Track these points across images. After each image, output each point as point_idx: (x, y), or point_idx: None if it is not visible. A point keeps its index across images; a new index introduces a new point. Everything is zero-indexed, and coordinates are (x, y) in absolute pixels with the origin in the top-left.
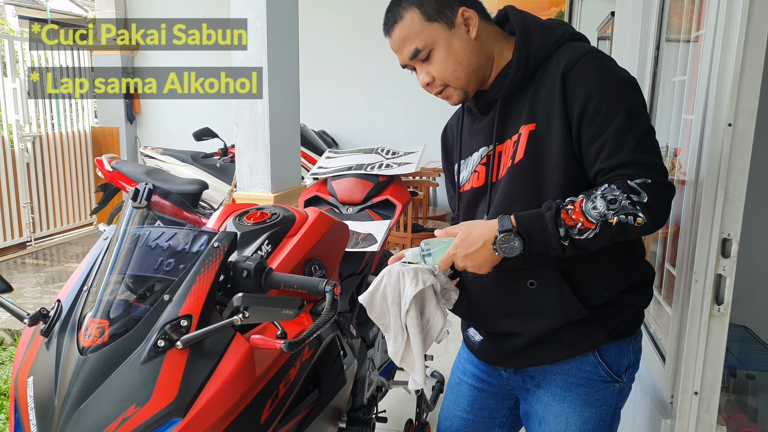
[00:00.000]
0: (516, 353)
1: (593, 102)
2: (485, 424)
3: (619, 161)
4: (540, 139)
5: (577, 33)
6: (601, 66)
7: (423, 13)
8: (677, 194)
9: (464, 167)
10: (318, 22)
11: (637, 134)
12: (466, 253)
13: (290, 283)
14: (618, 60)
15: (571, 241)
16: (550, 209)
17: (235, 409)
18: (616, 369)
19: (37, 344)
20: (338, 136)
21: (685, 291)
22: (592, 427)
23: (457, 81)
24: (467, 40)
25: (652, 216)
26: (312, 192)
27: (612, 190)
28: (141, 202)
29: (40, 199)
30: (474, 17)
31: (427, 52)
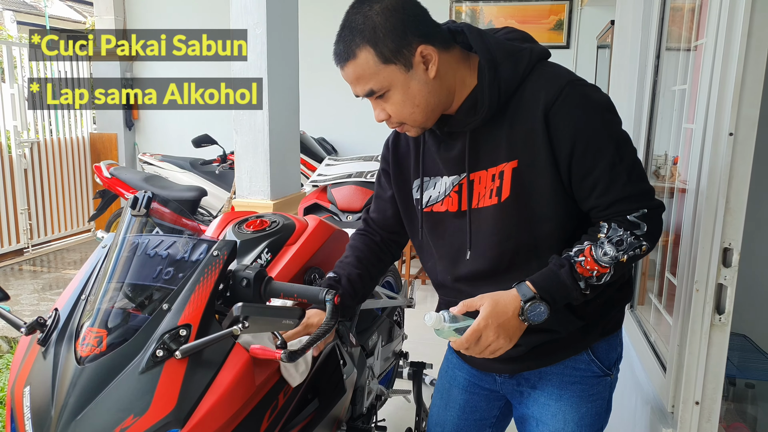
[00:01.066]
0: (513, 360)
1: (582, 141)
2: (477, 426)
3: (615, 197)
4: (524, 176)
5: (542, 50)
6: (581, 99)
7: (378, 54)
8: (677, 203)
9: (429, 186)
10: (318, 29)
11: (627, 165)
12: (499, 323)
13: (290, 292)
14: (618, 69)
15: (591, 288)
16: (563, 266)
17: (234, 419)
18: (607, 363)
19: (33, 353)
20: (337, 144)
21: (686, 300)
22: (588, 422)
23: (414, 122)
24: (425, 81)
25: (653, 240)
26: (311, 199)
27: (615, 231)
28: (140, 210)
29: (37, 206)
30: (433, 54)
31: (381, 93)
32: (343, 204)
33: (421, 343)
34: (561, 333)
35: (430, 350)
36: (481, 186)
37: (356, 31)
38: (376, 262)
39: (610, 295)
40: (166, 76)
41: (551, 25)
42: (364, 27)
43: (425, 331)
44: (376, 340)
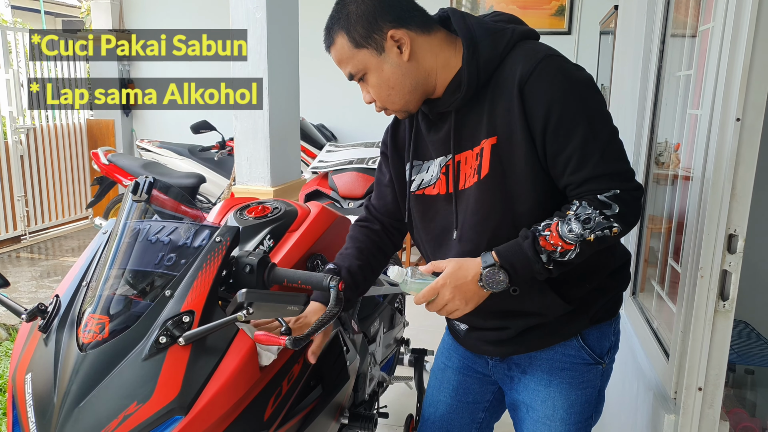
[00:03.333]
0: (502, 343)
1: (554, 115)
2: (469, 409)
3: (587, 175)
4: (503, 152)
5: (526, 30)
6: (557, 72)
7: (351, 40)
8: (680, 189)
9: (421, 170)
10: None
11: (602, 142)
12: (456, 284)
13: (294, 278)
14: (622, 54)
15: (555, 263)
16: (527, 238)
17: (238, 406)
18: (598, 351)
19: (35, 340)
20: (337, 130)
21: (690, 287)
22: (578, 409)
23: (393, 104)
24: (399, 64)
25: (626, 222)
26: (313, 186)
27: (584, 209)
28: (141, 195)
29: (34, 193)
30: (405, 38)
31: (360, 75)
32: (345, 190)
33: (422, 329)
34: (548, 317)
35: (431, 337)
36: (467, 166)
37: (335, 19)
38: (377, 252)
39: (601, 281)
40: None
41: (553, 10)
42: (340, 15)
43: (426, 318)
44: (378, 327)
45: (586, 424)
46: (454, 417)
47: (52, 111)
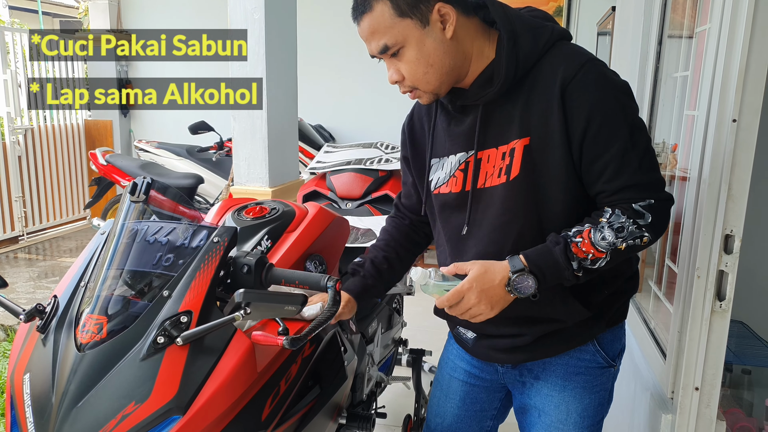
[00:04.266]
0: (516, 350)
1: (596, 121)
2: (477, 418)
3: (623, 184)
4: (535, 154)
5: (563, 30)
6: (599, 78)
7: (395, 7)
8: (678, 190)
9: (438, 167)
10: (315, 15)
11: (640, 152)
12: (482, 288)
13: (291, 278)
14: (619, 55)
15: (584, 270)
16: (558, 244)
17: (236, 406)
18: (611, 354)
19: (33, 341)
20: (335, 131)
21: (686, 287)
22: (591, 413)
23: (427, 84)
24: (442, 41)
25: (656, 232)
26: (311, 187)
27: (618, 217)
28: (139, 196)
29: (32, 193)
30: (452, 14)
31: (396, 49)
32: (343, 191)
33: (420, 330)
34: (567, 323)
35: (429, 337)
36: (489, 165)
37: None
38: (406, 242)
39: (618, 285)
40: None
41: (551, 11)
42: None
43: (424, 319)
44: (376, 327)
45: (597, 427)
46: (461, 427)
47: (50, 111)
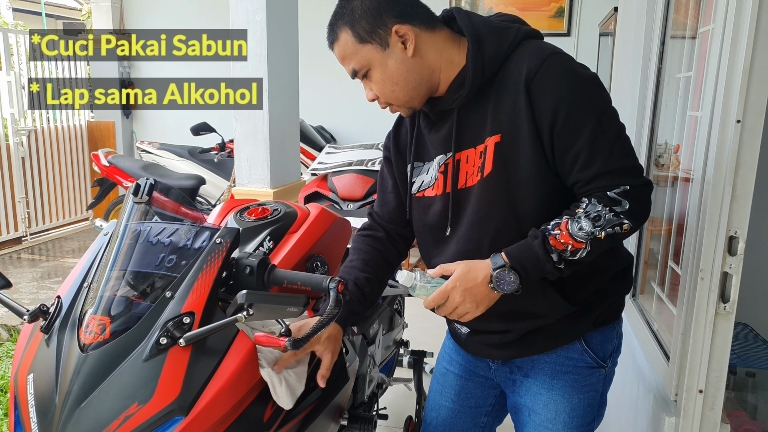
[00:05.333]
0: (505, 346)
1: (562, 112)
2: (471, 413)
3: (596, 172)
4: (507, 150)
5: (530, 30)
6: (564, 69)
7: (355, 35)
8: (680, 191)
9: (421, 171)
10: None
11: (610, 138)
12: (466, 287)
13: (293, 279)
14: (621, 56)
15: (566, 262)
16: (537, 237)
17: (238, 407)
18: (601, 355)
19: (37, 341)
20: (336, 132)
21: (690, 289)
22: (581, 413)
23: (397, 100)
24: (403, 60)
25: (636, 219)
26: (312, 188)
27: (594, 206)
28: (142, 197)
29: (35, 194)
30: (410, 33)
31: (364, 72)
32: (344, 192)
33: (421, 331)
34: (550, 319)
35: (430, 339)
36: (469, 165)
37: (339, 15)
38: (382, 263)
39: (603, 283)
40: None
41: (552, 12)
42: (344, 11)
43: (425, 320)
44: (377, 329)
45: (588, 428)
46: (456, 422)
47: (53, 113)
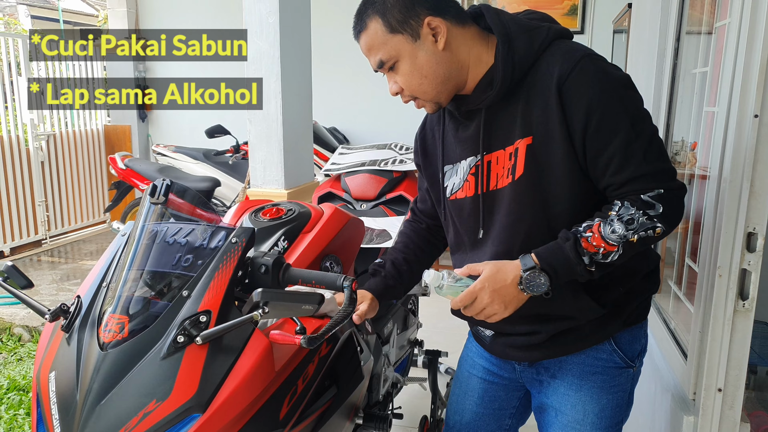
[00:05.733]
0: (532, 347)
1: (595, 115)
2: (496, 416)
3: (629, 176)
4: (538, 153)
5: (561, 29)
6: (597, 72)
7: (386, 24)
8: (697, 189)
9: (452, 174)
10: (329, 19)
11: (644, 142)
12: (495, 288)
13: (308, 278)
14: (636, 53)
15: (597, 265)
16: (569, 240)
17: (254, 404)
18: (630, 355)
19: (58, 340)
20: (349, 133)
21: (708, 286)
22: (609, 413)
23: (424, 94)
24: (434, 52)
25: (669, 222)
26: (325, 188)
27: (627, 209)
28: (159, 197)
29: (54, 198)
30: (442, 26)
31: (391, 63)
32: (357, 192)
33: (435, 331)
34: (580, 320)
35: (444, 338)
36: (499, 166)
37: (369, 4)
38: (425, 245)
39: (634, 284)
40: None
41: (565, 10)
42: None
43: (440, 320)
44: (392, 328)
45: (616, 429)
46: (480, 425)
47: (71, 117)
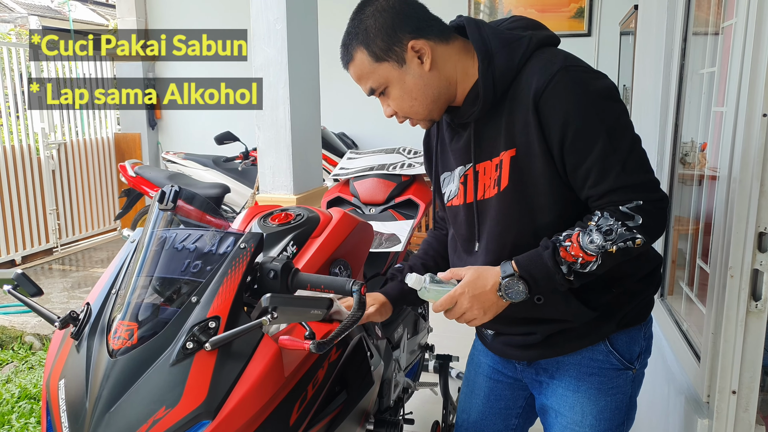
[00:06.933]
0: (529, 347)
1: (571, 128)
2: (502, 415)
3: (608, 187)
4: (522, 165)
5: (543, 37)
6: (573, 85)
7: (371, 54)
8: (708, 189)
9: (450, 180)
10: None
11: (622, 154)
12: (474, 293)
13: (317, 283)
14: (643, 54)
15: (575, 275)
16: (548, 248)
17: (264, 410)
18: (627, 356)
19: (67, 347)
20: (358, 138)
21: (720, 287)
22: (608, 416)
23: (416, 114)
24: (420, 75)
25: (650, 234)
26: (334, 193)
27: (606, 220)
28: (168, 204)
29: (65, 206)
30: (426, 48)
31: (381, 89)
32: (366, 197)
33: (446, 336)
34: (574, 323)
35: (455, 343)
36: (486, 177)
37: (352, 35)
38: (445, 251)
39: (628, 285)
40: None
41: (572, 12)
42: (357, 30)
43: (450, 324)
44: (402, 333)
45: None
46: (486, 423)
47: (82, 125)
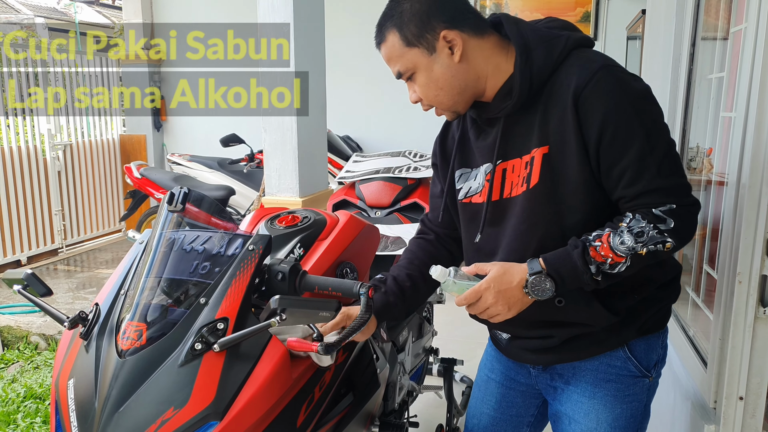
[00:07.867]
0: (546, 351)
1: (610, 127)
2: (513, 423)
3: (642, 189)
4: (554, 162)
5: (580, 38)
6: (614, 84)
7: (402, 38)
8: (714, 195)
9: (467, 177)
10: (343, 28)
11: (658, 156)
12: (500, 289)
13: (324, 285)
14: (650, 59)
15: (603, 275)
16: (577, 247)
17: (271, 412)
18: (645, 364)
19: (76, 347)
20: (363, 141)
21: (727, 293)
22: (623, 424)
23: (441, 104)
24: (449, 65)
25: (680, 238)
26: (340, 196)
27: (638, 222)
28: (176, 205)
29: (71, 207)
30: (458, 39)
31: (409, 74)
32: (372, 200)
33: (451, 339)
34: (594, 327)
35: (460, 347)
36: (514, 174)
37: (388, 16)
38: (429, 261)
39: (650, 292)
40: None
41: (578, 17)
42: (393, 12)
43: (455, 328)
44: (407, 336)
45: None
46: (497, 430)
47: (88, 127)
